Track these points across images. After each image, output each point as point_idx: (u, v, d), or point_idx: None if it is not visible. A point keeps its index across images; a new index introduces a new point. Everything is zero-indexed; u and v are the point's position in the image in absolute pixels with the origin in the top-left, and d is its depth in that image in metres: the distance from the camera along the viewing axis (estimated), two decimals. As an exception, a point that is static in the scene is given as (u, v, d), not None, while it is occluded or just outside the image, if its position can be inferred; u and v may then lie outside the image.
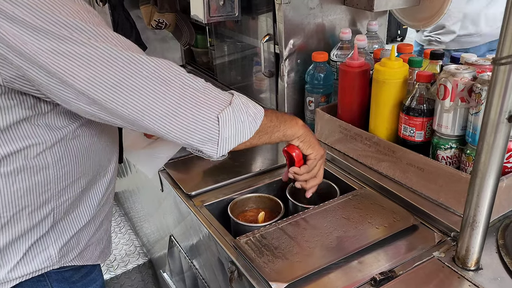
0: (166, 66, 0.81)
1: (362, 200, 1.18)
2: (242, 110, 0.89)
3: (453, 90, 1.06)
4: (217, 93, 0.87)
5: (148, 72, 0.77)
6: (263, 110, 0.95)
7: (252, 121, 0.91)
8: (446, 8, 1.45)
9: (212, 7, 1.55)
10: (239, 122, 0.88)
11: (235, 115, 0.87)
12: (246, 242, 1.03)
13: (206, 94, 0.84)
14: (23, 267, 0.90)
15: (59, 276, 0.96)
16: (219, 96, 0.87)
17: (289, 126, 1.03)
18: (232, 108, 0.87)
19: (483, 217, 0.89)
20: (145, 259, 1.99)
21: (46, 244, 0.92)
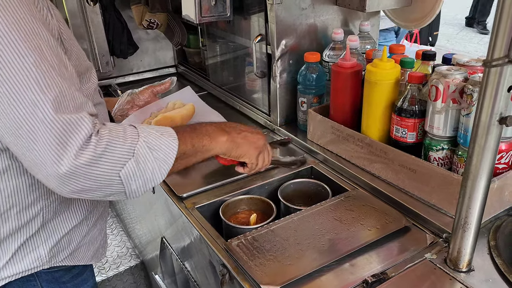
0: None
1: (354, 201, 1.18)
2: (148, 158, 0.80)
3: (445, 91, 1.06)
4: (118, 147, 0.77)
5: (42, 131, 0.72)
6: (175, 144, 0.85)
7: (163, 164, 0.83)
8: (438, 9, 1.45)
9: (204, 7, 1.54)
10: (146, 172, 0.80)
11: (140, 167, 0.79)
12: (238, 245, 1.02)
13: (105, 152, 0.76)
14: (12, 266, 0.89)
15: (49, 276, 0.95)
16: (119, 150, 0.77)
17: (211, 146, 0.95)
18: (136, 160, 0.78)
19: (474, 219, 0.88)
20: (137, 261, 1.97)
21: (36, 244, 0.91)
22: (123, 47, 2.06)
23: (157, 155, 0.81)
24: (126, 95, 1.42)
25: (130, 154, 0.78)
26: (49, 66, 0.72)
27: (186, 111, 1.49)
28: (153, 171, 0.81)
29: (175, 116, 1.44)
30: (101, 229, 1.09)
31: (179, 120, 1.46)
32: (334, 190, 1.26)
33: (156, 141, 0.82)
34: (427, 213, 1.10)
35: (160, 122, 1.40)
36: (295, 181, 1.32)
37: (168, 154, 0.83)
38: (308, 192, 1.31)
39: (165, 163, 0.83)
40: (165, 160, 0.83)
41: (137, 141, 0.79)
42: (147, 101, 1.44)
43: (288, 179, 1.33)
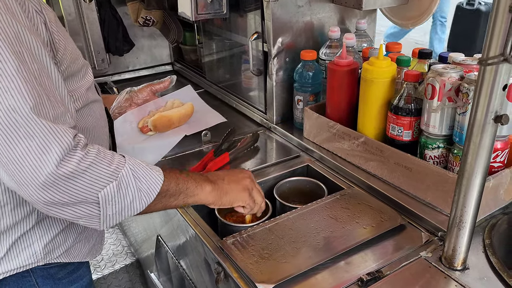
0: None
1: (350, 199, 1.18)
2: (131, 186, 0.80)
3: (441, 90, 1.06)
4: (103, 167, 0.76)
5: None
6: (161, 178, 0.85)
7: (144, 196, 0.82)
8: (434, 7, 1.45)
9: (200, 4, 1.53)
10: (126, 199, 0.80)
11: (120, 192, 0.78)
12: (233, 243, 1.02)
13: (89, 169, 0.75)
14: (7, 263, 0.89)
15: (44, 272, 0.94)
16: (104, 170, 0.77)
17: (196, 191, 0.94)
18: (118, 184, 0.78)
19: (469, 217, 0.89)
20: (132, 259, 1.97)
21: (30, 240, 0.91)
22: (118, 44, 2.05)
23: (140, 185, 0.82)
24: (125, 92, 1.41)
25: (114, 177, 0.78)
26: (30, 74, 0.72)
27: (184, 111, 1.48)
28: (133, 200, 0.81)
29: (172, 115, 1.44)
30: None
31: (176, 119, 1.45)
32: (329, 188, 1.26)
33: (142, 171, 0.82)
34: (422, 211, 1.11)
35: (157, 120, 1.40)
36: (291, 179, 1.32)
37: (151, 186, 0.84)
38: (304, 190, 1.31)
39: (147, 196, 0.83)
40: (148, 193, 0.83)
41: (123, 167, 0.80)
42: (145, 99, 1.44)
43: (284, 177, 1.33)
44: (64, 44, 0.85)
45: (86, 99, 0.94)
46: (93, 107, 0.98)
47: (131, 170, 0.80)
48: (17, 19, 0.73)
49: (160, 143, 1.39)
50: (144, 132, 1.41)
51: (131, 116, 1.40)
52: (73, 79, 0.90)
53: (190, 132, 1.45)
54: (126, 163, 0.81)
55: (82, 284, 1.05)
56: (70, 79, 0.89)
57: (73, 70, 0.90)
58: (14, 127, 0.70)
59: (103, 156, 0.78)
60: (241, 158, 1.44)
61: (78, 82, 0.92)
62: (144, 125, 1.41)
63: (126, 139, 1.37)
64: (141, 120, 1.42)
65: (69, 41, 0.89)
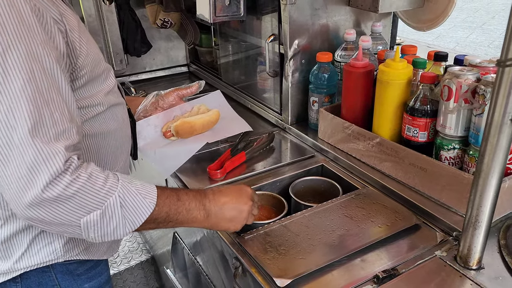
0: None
1: (365, 199, 1.20)
2: (116, 214, 0.80)
3: (457, 92, 1.07)
4: (90, 195, 0.77)
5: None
6: (150, 208, 0.84)
7: (129, 224, 0.82)
8: (450, 10, 1.46)
9: (218, 7, 1.56)
10: (109, 227, 0.80)
11: (103, 220, 0.79)
12: (251, 239, 1.05)
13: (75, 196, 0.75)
14: (28, 259, 0.92)
15: (63, 268, 0.97)
16: (90, 199, 0.77)
17: (186, 221, 0.93)
18: (102, 213, 0.78)
19: (485, 217, 0.90)
20: (148, 256, 2.00)
21: (51, 238, 0.93)
22: (136, 46, 2.09)
23: (126, 214, 0.81)
24: (152, 96, 1.40)
25: (99, 206, 0.78)
26: (36, 92, 0.72)
27: (209, 117, 1.44)
28: (116, 227, 0.82)
29: (195, 121, 1.40)
30: None
31: (199, 126, 1.41)
32: (344, 188, 1.28)
33: (131, 200, 0.82)
34: (437, 212, 1.12)
35: (179, 126, 1.37)
36: (306, 179, 1.34)
37: (138, 216, 0.83)
38: (319, 189, 1.33)
39: (132, 224, 0.83)
40: (133, 221, 0.83)
41: (112, 195, 0.79)
42: (172, 103, 1.42)
43: (298, 176, 1.35)
44: (86, 50, 0.86)
45: (107, 103, 0.95)
46: (115, 110, 0.99)
47: (120, 199, 0.80)
48: (31, 32, 0.73)
49: (180, 149, 1.37)
50: (167, 137, 1.39)
51: (156, 120, 1.39)
52: (94, 83, 0.91)
53: (212, 139, 1.40)
54: (117, 190, 0.80)
55: (100, 280, 1.07)
56: (91, 84, 0.90)
57: (95, 75, 0.91)
58: (9, 145, 0.71)
59: (93, 183, 0.77)
60: (257, 157, 1.46)
61: (99, 87, 0.93)
62: (167, 130, 1.39)
63: (149, 143, 1.36)
64: (165, 125, 1.40)
65: (92, 46, 0.90)
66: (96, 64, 0.91)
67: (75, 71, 0.85)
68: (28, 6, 0.73)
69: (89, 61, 0.87)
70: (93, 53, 0.89)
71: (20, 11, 0.72)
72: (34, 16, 0.73)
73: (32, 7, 0.73)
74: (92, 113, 0.92)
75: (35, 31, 0.73)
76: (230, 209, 0.99)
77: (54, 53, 0.76)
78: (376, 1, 1.42)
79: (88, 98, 0.90)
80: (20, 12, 0.72)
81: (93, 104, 0.92)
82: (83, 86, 0.89)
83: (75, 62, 0.84)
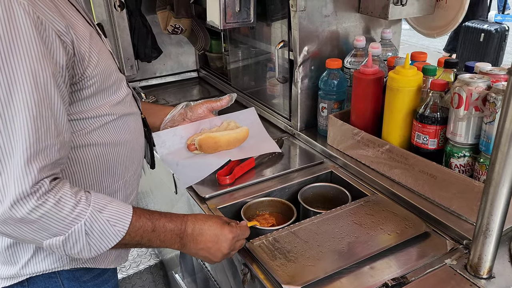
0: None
1: (374, 206, 1.19)
2: (80, 241, 0.80)
3: (467, 99, 1.07)
4: (54, 222, 0.77)
5: None
6: (118, 237, 0.84)
7: (94, 249, 0.82)
8: (460, 17, 1.46)
9: (228, 13, 1.58)
10: (72, 250, 0.81)
11: (66, 245, 0.79)
12: (260, 245, 1.05)
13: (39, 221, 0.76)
14: (34, 265, 0.93)
15: (70, 274, 0.97)
16: (54, 225, 0.77)
17: (160, 248, 0.93)
18: (65, 239, 0.78)
19: (496, 226, 0.89)
20: (156, 260, 2.01)
21: None
22: (147, 51, 2.11)
23: (91, 241, 0.81)
24: (181, 106, 1.37)
25: (63, 232, 0.78)
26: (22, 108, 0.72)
27: (236, 134, 1.39)
28: (81, 252, 0.82)
29: (220, 137, 1.36)
30: None
31: (224, 142, 1.37)
32: (353, 195, 1.28)
33: (98, 229, 0.81)
34: (447, 219, 1.11)
35: (203, 140, 1.34)
36: (315, 185, 1.34)
37: (103, 243, 0.83)
38: (328, 196, 1.33)
39: (97, 249, 0.83)
40: (98, 247, 0.83)
41: (78, 223, 0.79)
42: (200, 116, 1.39)
43: (307, 183, 1.36)
44: (97, 60, 0.86)
45: (117, 113, 0.95)
46: (127, 120, 0.99)
47: (85, 227, 0.80)
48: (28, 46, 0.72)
49: (201, 163, 1.34)
50: (190, 150, 1.37)
51: (182, 131, 1.37)
52: (103, 94, 0.91)
53: (236, 157, 1.36)
54: (84, 218, 0.79)
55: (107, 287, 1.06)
56: (100, 95, 0.90)
57: (105, 86, 0.91)
58: None
59: (60, 209, 0.77)
60: (266, 163, 1.47)
61: (107, 98, 0.93)
62: (191, 143, 1.37)
63: (172, 153, 1.34)
64: (191, 137, 1.37)
65: (104, 56, 0.90)
66: (108, 75, 0.91)
67: (82, 80, 0.85)
68: (30, 19, 0.72)
69: (99, 71, 0.87)
70: (104, 64, 0.89)
71: (19, 25, 0.71)
72: (34, 29, 0.73)
73: (34, 20, 0.73)
74: (100, 122, 0.92)
75: (33, 45, 0.73)
76: (207, 248, 0.98)
77: (51, 68, 0.76)
78: (386, 8, 1.42)
79: (96, 109, 0.90)
80: (19, 25, 0.71)
81: (101, 114, 0.92)
82: (91, 96, 0.89)
83: (83, 71, 0.84)
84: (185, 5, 1.93)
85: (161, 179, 1.63)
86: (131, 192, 1.08)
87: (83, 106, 0.89)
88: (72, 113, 0.88)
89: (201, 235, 0.97)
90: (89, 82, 0.86)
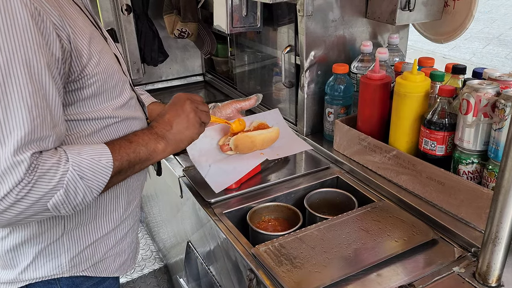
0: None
1: (381, 212, 1.18)
2: (79, 186, 0.80)
3: (476, 105, 1.06)
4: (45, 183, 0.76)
5: None
6: (109, 168, 0.84)
7: (95, 188, 0.83)
8: (468, 23, 1.45)
9: (235, 18, 1.58)
10: (76, 198, 0.81)
11: (69, 196, 0.79)
12: (265, 251, 1.04)
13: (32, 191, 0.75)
14: (33, 271, 0.92)
15: (69, 281, 0.96)
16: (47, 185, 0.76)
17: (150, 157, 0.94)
18: (65, 190, 0.78)
19: (505, 234, 0.88)
20: (161, 264, 2.01)
21: (58, 252, 0.93)
22: (154, 55, 2.12)
23: (87, 183, 0.81)
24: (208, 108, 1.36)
25: (60, 186, 0.77)
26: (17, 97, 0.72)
27: (269, 134, 1.37)
28: (84, 196, 0.81)
29: (256, 136, 1.34)
30: (131, 241, 1.08)
31: (260, 142, 1.35)
32: (360, 201, 1.27)
33: (88, 169, 0.81)
34: (455, 227, 1.10)
35: (239, 140, 1.31)
36: (321, 191, 1.33)
37: (100, 179, 0.83)
38: (334, 201, 1.32)
39: (97, 187, 0.83)
40: (97, 185, 0.83)
41: (67, 172, 0.78)
42: (229, 116, 1.37)
43: (313, 188, 1.35)
44: (97, 59, 0.85)
45: (120, 116, 0.94)
46: (131, 124, 0.98)
47: (76, 171, 0.79)
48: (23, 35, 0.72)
49: (237, 164, 1.31)
50: (224, 150, 1.33)
51: (212, 132, 1.34)
52: (104, 96, 0.90)
53: (272, 157, 1.35)
54: (69, 166, 0.79)
55: None
56: (102, 96, 0.89)
57: (106, 87, 0.89)
58: None
59: (47, 170, 0.76)
60: (272, 168, 1.46)
61: (110, 100, 0.92)
62: (225, 143, 1.33)
63: (204, 155, 1.31)
64: (223, 138, 1.35)
65: (106, 56, 0.89)
66: (110, 76, 0.89)
67: (82, 78, 0.84)
68: (27, 9, 0.72)
69: (100, 71, 0.86)
70: (106, 64, 0.88)
71: (15, 14, 0.71)
72: (31, 19, 0.72)
73: (31, 11, 0.72)
74: (102, 124, 0.91)
75: (29, 34, 0.72)
76: (178, 122, 1.00)
77: (46, 58, 0.75)
78: (394, 13, 1.42)
79: (98, 111, 0.89)
80: (15, 15, 0.71)
81: (103, 116, 0.90)
82: (93, 96, 0.87)
83: (82, 69, 0.83)
84: (192, 9, 1.94)
85: (166, 183, 1.63)
86: (134, 198, 1.06)
87: (85, 107, 0.88)
88: (74, 114, 0.87)
89: (161, 116, 1.01)
90: (90, 81, 0.85)
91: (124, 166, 0.88)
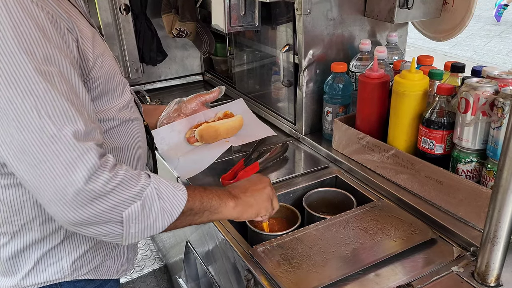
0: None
1: (380, 212, 1.18)
2: (155, 205, 0.81)
3: (475, 104, 1.05)
4: (129, 188, 0.77)
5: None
6: (184, 198, 0.85)
7: (167, 215, 0.83)
8: (468, 20, 1.45)
9: (233, 17, 1.58)
10: (149, 218, 0.80)
11: (144, 211, 0.79)
12: (263, 251, 1.04)
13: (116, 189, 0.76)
14: (34, 277, 0.91)
15: (71, 285, 0.95)
16: (129, 191, 0.78)
17: (220, 209, 0.95)
18: (142, 204, 0.79)
19: (504, 233, 0.87)
20: (160, 264, 2.01)
21: (59, 256, 0.92)
22: (152, 55, 2.12)
23: (163, 205, 0.82)
24: (174, 103, 1.39)
25: (139, 196, 0.78)
26: (58, 93, 0.73)
27: (233, 123, 1.43)
28: (156, 219, 0.81)
29: (219, 126, 1.39)
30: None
31: (224, 130, 1.41)
32: (358, 200, 1.26)
33: (166, 191, 0.83)
34: (454, 226, 1.10)
35: (204, 130, 1.37)
36: (320, 190, 1.33)
37: (175, 206, 0.84)
38: (333, 201, 1.32)
39: (170, 215, 0.83)
40: (171, 212, 0.83)
41: (148, 186, 0.80)
42: (194, 109, 1.41)
43: (312, 187, 1.35)
44: (101, 62, 0.85)
45: (120, 118, 0.94)
46: (130, 126, 0.98)
47: (156, 190, 0.81)
48: (48, 37, 0.73)
49: (204, 154, 1.36)
50: (191, 142, 1.38)
51: (179, 126, 1.38)
52: (108, 97, 0.90)
53: (237, 143, 1.41)
54: (151, 183, 0.81)
55: None
56: (105, 97, 0.89)
57: (109, 88, 0.89)
58: (41, 147, 0.71)
59: (130, 177, 0.78)
60: (271, 167, 1.46)
61: (113, 101, 0.92)
62: (191, 136, 1.39)
63: (172, 149, 1.35)
64: (189, 130, 1.40)
65: (108, 58, 0.89)
66: (111, 77, 0.90)
67: (87, 81, 0.84)
68: (43, 13, 0.73)
69: (103, 73, 0.86)
70: (108, 66, 0.88)
71: (36, 17, 0.72)
72: (49, 23, 0.73)
73: (46, 14, 0.73)
74: (105, 127, 0.91)
75: (51, 36, 0.73)
76: (254, 190, 1.03)
77: (70, 59, 0.76)
78: (392, 11, 1.41)
79: (101, 112, 0.89)
80: (36, 18, 0.72)
81: (106, 118, 0.90)
82: (96, 98, 0.87)
83: (88, 72, 0.83)
84: (190, 9, 1.93)
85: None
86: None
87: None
88: None
89: (240, 183, 1.06)
90: (94, 84, 0.85)
91: (196, 206, 0.89)
